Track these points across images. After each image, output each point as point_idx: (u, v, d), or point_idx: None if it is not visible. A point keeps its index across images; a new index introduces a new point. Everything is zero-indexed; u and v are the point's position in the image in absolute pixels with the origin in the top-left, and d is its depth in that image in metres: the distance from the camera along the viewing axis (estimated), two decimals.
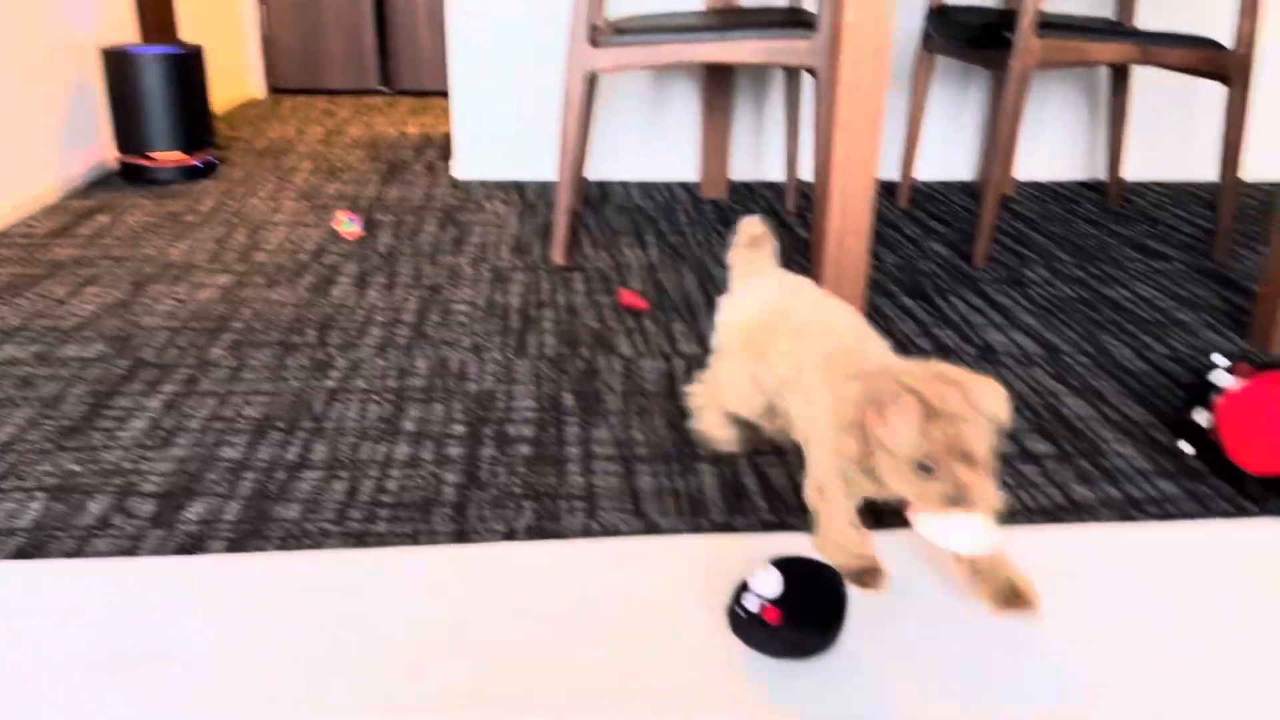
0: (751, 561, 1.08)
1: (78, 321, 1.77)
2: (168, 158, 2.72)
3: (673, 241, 2.34)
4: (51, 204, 2.51)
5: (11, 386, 1.52)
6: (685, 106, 2.89)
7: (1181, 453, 1.41)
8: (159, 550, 1.13)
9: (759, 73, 2.87)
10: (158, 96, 2.67)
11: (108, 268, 2.06)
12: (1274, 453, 1.26)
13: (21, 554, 1.12)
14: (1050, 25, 2.11)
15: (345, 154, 3.16)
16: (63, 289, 1.93)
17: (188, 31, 3.51)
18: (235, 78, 4.05)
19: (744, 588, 0.89)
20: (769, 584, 0.86)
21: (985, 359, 1.71)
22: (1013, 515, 1.25)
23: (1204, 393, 1.39)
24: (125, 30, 2.98)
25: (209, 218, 2.43)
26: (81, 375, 1.56)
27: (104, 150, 2.83)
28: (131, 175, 2.74)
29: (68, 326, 1.75)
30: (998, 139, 2.14)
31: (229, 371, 1.59)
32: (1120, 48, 2.14)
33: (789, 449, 1.39)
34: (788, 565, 0.88)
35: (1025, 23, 2.05)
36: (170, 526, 1.18)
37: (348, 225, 2.27)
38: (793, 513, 1.25)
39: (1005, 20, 2.20)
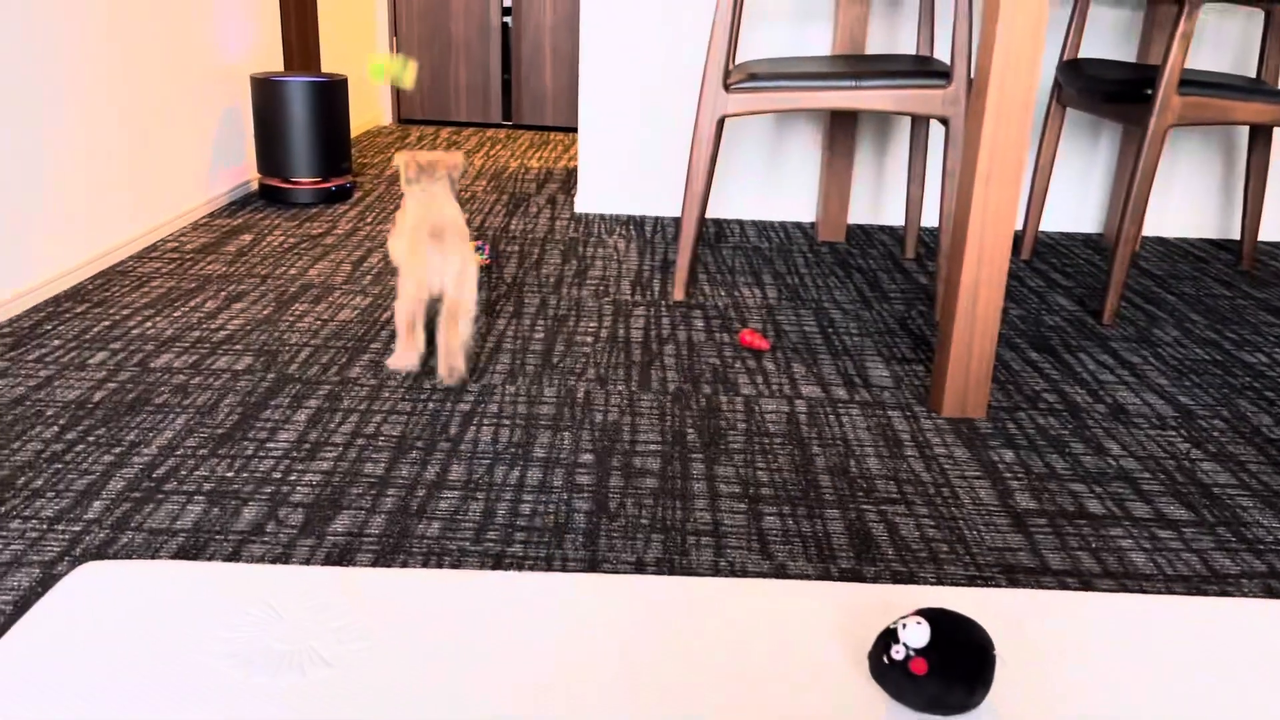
0: (885, 612, 1.08)
1: (226, 335, 1.87)
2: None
3: (790, 283, 2.35)
4: (199, 220, 2.65)
5: (169, 393, 1.61)
6: (806, 148, 2.91)
7: None
8: (310, 559, 1.19)
9: (884, 116, 2.88)
10: (301, 122, 2.80)
11: (253, 285, 2.16)
12: None
13: (183, 553, 1.18)
14: (1191, 83, 2.08)
15: (470, 184, 3.27)
16: (212, 304, 2.04)
17: (328, 62, 3.67)
18: (367, 106, 4.22)
19: (890, 635, 0.89)
20: (917, 634, 0.87)
21: (1116, 419, 1.68)
22: (1149, 581, 1.23)
23: None
24: (273, 59, 3.14)
25: (345, 240, 2.54)
26: (232, 386, 1.65)
27: (248, 171, 2.98)
28: (271, 196, 2.88)
29: (218, 339, 1.85)
30: (1130, 195, 2.11)
31: (369, 390, 1.66)
32: (1264, 108, 2.09)
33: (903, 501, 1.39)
34: (936, 618, 0.89)
35: (1167, 81, 2.02)
36: (320, 537, 1.24)
37: (476, 254, 2.35)
38: (923, 565, 1.24)
39: (1143, 76, 2.17)
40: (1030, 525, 1.34)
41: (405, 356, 1.71)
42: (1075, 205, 2.94)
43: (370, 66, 3.47)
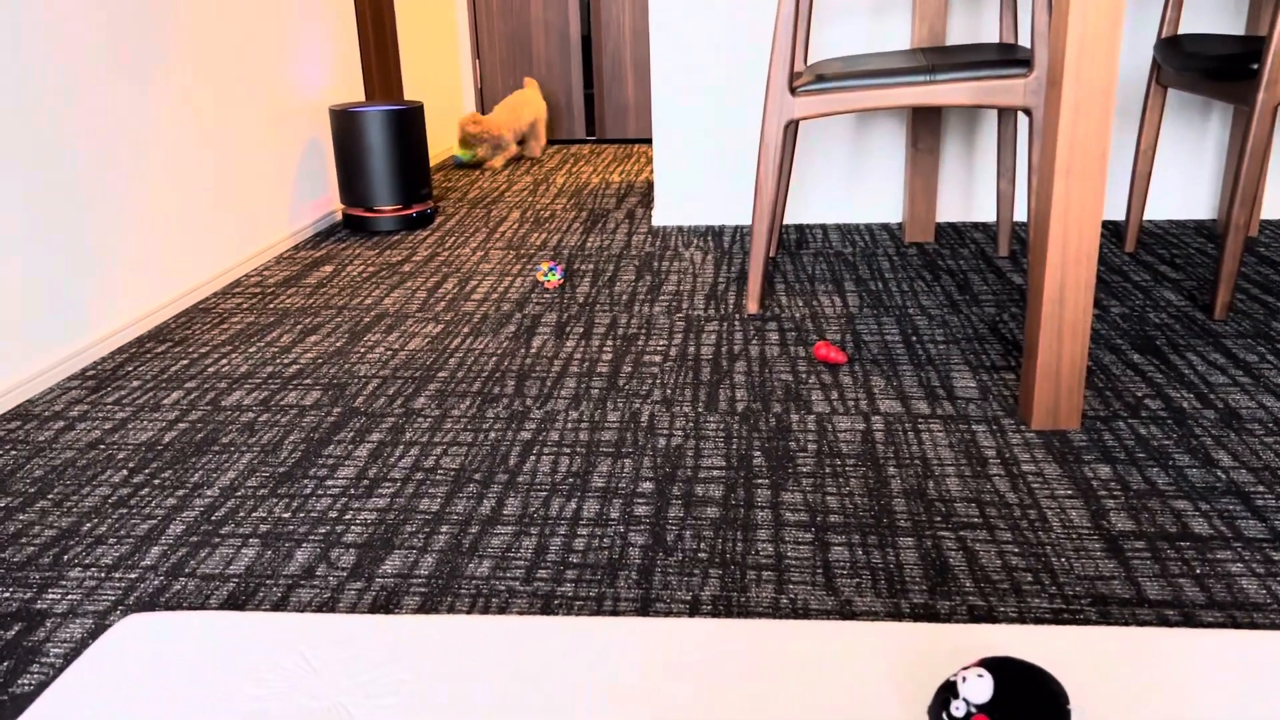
0: (952, 657, 0.99)
1: (298, 369, 1.88)
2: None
3: (873, 289, 2.25)
4: (282, 254, 2.70)
5: (236, 432, 1.62)
6: (890, 146, 2.79)
7: None
8: (356, 603, 1.16)
9: (969, 108, 2.74)
10: (380, 151, 2.83)
11: (329, 317, 2.18)
12: None
13: (232, 600, 1.17)
14: None
15: (551, 203, 3.25)
16: (287, 338, 2.06)
17: (410, 88, 3.72)
18: (451, 128, 4.26)
19: (950, 690, 0.81)
20: (979, 689, 0.78)
21: (1228, 425, 1.53)
22: (1262, 611, 1.10)
23: None
24: (355, 90, 3.19)
25: (423, 267, 2.55)
26: (298, 422, 1.65)
27: (331, 202, 3.03)
28: (355, 225, 2.92)
29: (289, 374, 1.86)
30: (1241, 178, 1.94)
31: (432, 421, 1.64)
32: None
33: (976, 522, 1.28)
34: (1001, 668, 0.80)
35: (1275, 53, 1.85)
36: (369, 579, 1.21)
37: (550, 274, 2.32)
38: (1004, 598, 1.14)
39: (1248, 50, 2.00)
40: (1126, 549, 1.23)
41: (498, 137, 3.84)
42: (1185, 191, 2.75)
43: (462, 148, 3.91)
